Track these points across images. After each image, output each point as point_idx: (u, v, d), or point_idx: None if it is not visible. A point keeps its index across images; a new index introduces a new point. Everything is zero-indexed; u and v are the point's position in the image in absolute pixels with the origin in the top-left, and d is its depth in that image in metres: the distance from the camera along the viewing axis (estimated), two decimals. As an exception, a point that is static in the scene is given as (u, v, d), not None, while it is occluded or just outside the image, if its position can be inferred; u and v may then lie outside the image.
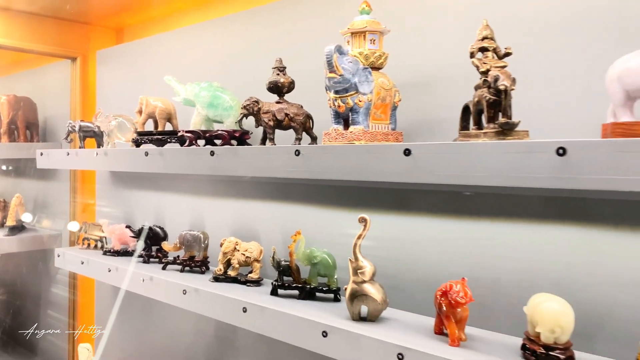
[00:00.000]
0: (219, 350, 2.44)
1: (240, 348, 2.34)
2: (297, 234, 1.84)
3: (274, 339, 1.68)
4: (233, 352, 2.38)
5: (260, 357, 2.25)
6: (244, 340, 2.32)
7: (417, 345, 1.38)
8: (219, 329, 2.44)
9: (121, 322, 3.00)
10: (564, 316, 1.25)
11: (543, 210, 1.44)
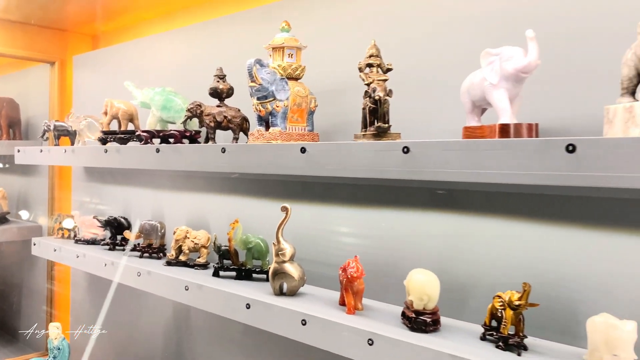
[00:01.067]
0: (175, 325, 2.70)
1: (192, 324, 2.60)
2: (236, 222, 2.09)
3: (220, 316, 1.92)
4: (186, 327, 2.64)
5: (203, 330, 2.51)
6: (195, 317, 2.59)
7: (319, 313, 1.64)
8: (174, 308, 2.70)
9: (91, 305, 3.26)
10: (429, 285, 1.50)
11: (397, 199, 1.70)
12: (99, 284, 3.18)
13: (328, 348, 1.58)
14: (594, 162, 1.04)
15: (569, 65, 1.44)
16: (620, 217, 1.35)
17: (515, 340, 1.36)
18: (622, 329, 1.19)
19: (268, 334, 1.77)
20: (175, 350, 2.71)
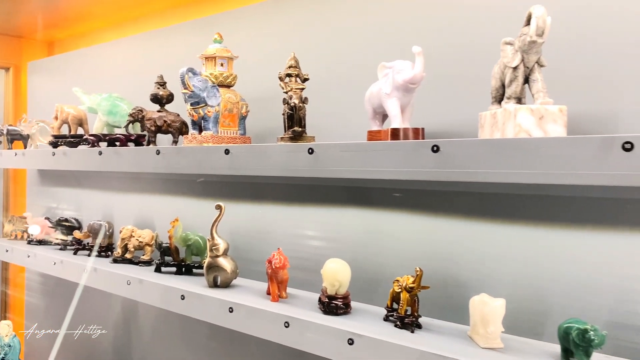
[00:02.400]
0: (123, 318, 2.82)
1: (140, 316, 2.73)
2: (176, 220, 2.23)
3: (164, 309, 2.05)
4: (134, 319, 2.76)
5: (146, 321, 2.64)
6: (144, 310, 2.71)
7: (245, 302, 1.79)
8: (122, 302, 2.82)
9: (45, 304, 3.34)
10: (341, 273, 1.67)
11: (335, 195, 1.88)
12: (52, 284, 3.27)
13: (251, 332, 1.73)
14: (453, 160, 1.22)
15: (455, 77, 1.63)
16: (488, 209, 1.55)
17: (410, 319, 1.53)
18: (492, 305, 1.38)
19: (203, 323, 1.92)
20: (124, 343, 2.82)
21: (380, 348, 1.43)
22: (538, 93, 1.26)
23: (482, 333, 1.39)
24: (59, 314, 3.23)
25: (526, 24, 1.26)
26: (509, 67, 1.30)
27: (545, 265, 1.47)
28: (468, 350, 1.35)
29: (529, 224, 1.49)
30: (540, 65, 1.29)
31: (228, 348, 2.34)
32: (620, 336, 1.36)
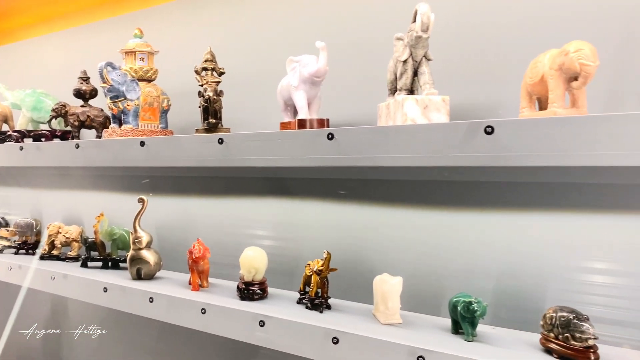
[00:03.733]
0: (52, 310, 2.79)
1: (70, 310, 2.71)
2: (101, 215, 2.23)
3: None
4: (63, 313, 2.73)
5: (75, 313, 2.63)
6: (73, 305, 2.69)
7: (166, 291, 1.83)
8: (52, 301, 2.79)
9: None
10: (257, 260, 1.73)
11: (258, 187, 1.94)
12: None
13: (170, 320, 1.77)
14: (346, 146, 1.31)
15: (360, 72, 1.73)
16: (390, 196, 1.65)
17: (319, 300, 1.61)
18: (390, 283, 1.48)
19: (125, 315, 1.94)
20: (52, 338, 2.80)
21: (289, 328, 1.51)
22: (425, 85, 1.36)
23: (383, 310, 1.49)
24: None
25: (413, 21, 1.36)
26: (400, 61, 1.40)
27: (441, 246, 1.58)
28: (368, 327, 1.44)
29: (426, 208, 1.60)
30: (428, 59, 1.39)
31: (157, 340, 2.36)
32: (503, 308, 1.48)
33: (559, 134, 1.06)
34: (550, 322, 1.23)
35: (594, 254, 1.37)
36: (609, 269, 1.36)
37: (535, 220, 1.44)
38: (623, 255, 1.34)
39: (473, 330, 1.35)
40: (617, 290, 1.35)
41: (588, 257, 1.38)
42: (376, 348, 1.34)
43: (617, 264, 1.35)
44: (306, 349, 1.46)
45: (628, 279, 1.34)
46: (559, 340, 1.21)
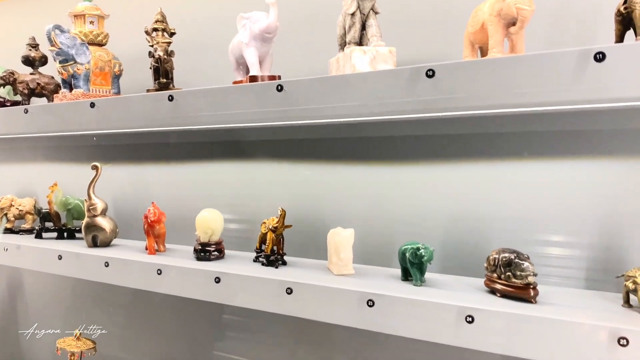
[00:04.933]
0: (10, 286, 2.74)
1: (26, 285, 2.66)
2: (54, 185, 2.19)
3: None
4: (20, 291, 2.69)
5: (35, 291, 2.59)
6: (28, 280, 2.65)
7: (121, 255, 1.81)
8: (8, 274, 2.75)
9: None
10: (213, 221, 1.73)
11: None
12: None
13: (125, 284, 1.76)
14: (296, 98, 1.32)
15: (312, 28, 1.74)
16: (341, 153, 1.69)
17: (275, 256, 1.63)
18: (342, 235, 1.50)
19: (82, 282, 1.91)
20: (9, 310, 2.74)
21: (244, 283, 1.52)
22: (372, 37, 1.38)
23: (336, 261, 1.52)
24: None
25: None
26: (348, 14, 1.41)
27: (390, 200, 1.62)
28: (322, 277, 1.47)
29: (375, 164, 1.64)
30: (375, 12, 1.41)
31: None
32: (451, 256, 1.53)
33: (497, 75, 1.10)
34: (494, 264, 1.29)
35: (534, 200, 1.43)
36: (550, 213, 1.42)
37: (478, 170, 1.49)
38: (563, 200, 1.40)
39: (421, 276, 1.39)
40: (557, 235, 1.41)
41: (529, 203, 1.44)
42: (329, 295, 1.37)
43: (558, 207, 1.41)
44: (261, 301, 1.48)
45: (568, 222, 1.40)
46: (502, 280, 1.26)
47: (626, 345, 1.02)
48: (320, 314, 1.39)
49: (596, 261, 1.37)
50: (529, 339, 1.11)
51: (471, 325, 1.17)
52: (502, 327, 1.14)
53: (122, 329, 2.35)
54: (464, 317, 1.18)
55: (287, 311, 1.44)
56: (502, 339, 1.14)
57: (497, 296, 1.27)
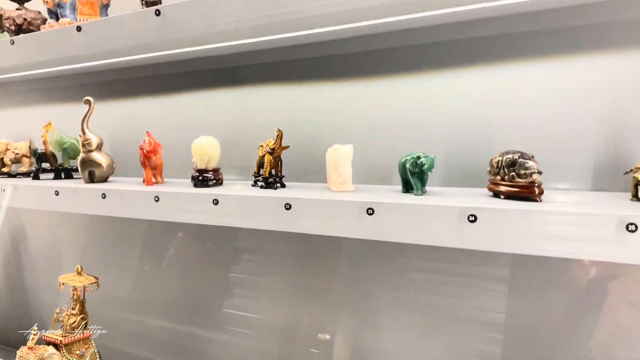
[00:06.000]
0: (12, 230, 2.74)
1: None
2: (48, 124, 2.15)
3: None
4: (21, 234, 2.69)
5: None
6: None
7: (118, 187, 1.78)
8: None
9: None
10: (210, 147, 1.69)
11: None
12: None
13: (123, 214, 1.73)
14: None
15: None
16: (333, 72, 1.62)
17: (273, 179, 1.59)
18: (341, 151, 1.46)
19: (79, 215, 1.89)
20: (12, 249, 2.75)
21: (242, 203, 1.49)
22: None
23: (335, 178, 1.48)
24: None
25: None
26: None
27: (389, 117, 1.57)
28: (321, 194, 1.43)
29: (370, 79, 1.57)
30: None
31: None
32: (453, 167, 1.49)
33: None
34: (497, 166, 1.24)
35: (537, 104, 1.38)
36: (553, 118, 1.37)
37: (477, 76, 1.43)
38: (566, 102, 1.34)
39: (422, 187, 1.35)
40: (562, 140, 1.36)
41: (531, 108, 1.38)
42: (327, 208, 1.34)
43: (561, 110, 1.35)
44: (260, 219, 1.45)
45: (572, 125, 1.35)
46: (506, 181, 1.22)
47: (635, 231, 0.98)
48: (319, 228, 1.36)
49: (603, 164, 1.33)
50: (535, 234, 1.08)
51: (474, 224, 1.13)
52: (506, 224, 1.11)
53: (132, 270, 2.35)
54: (466, 217, 1.14)
55: (286, 227, 1.41)
56: (507, 236, 1.11)
57: (501, 199, 1.23)
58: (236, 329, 2.07)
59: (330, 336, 1.87)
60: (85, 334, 1.92)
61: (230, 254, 2.06)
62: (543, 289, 1.47)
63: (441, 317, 1.63)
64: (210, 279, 2.13)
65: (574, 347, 1.45)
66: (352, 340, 1.83)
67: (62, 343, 1.85)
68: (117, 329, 2.40)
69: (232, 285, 2.08)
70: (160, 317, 2.28)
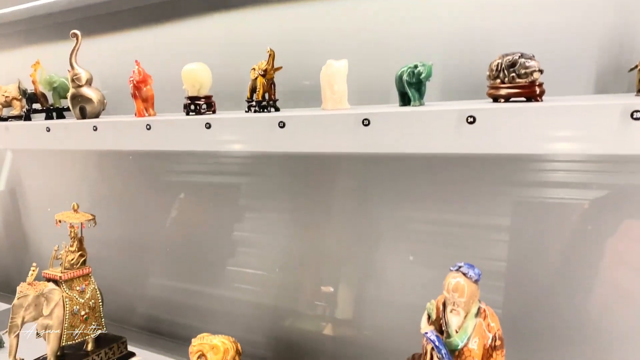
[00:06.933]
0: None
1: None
2: (37, 63, 2.09)
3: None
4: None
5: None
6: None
7: (109, 119, 1.74)
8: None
9: None
10: (200, 74, 1.64)
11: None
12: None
13: (114, 146, 1.70)
14: None
15: None
16: None
17: (267, 102, 1.55)
18: (335, 66, 1.41)
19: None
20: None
21: (235, 125, 1.45)
22: None
23: (330, 95, 1.43)
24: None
25: None
26: None
27: (384, 31, 1.51)
28: (316, 112, 1.39)
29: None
30: None
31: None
32: (452, 78, 1.44)
33: None
34: (497, 69, 1.19)
35: (537, 4, 1.32)
36: (553, 18, 1.31)
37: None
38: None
39: (420, 98, 1.30)
40: (563, 42, 1.31)
41: (531, 10, 1.32)
42: (322, 123, 1.30)
43: (562, 11, 1.29)
44: (253, 140, 1.42)
45: (574, 26, 1.29)
46: (506, 83, 1.17)
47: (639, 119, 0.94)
48: (313, 144, 1.32)
49: (607, 66, 1.28)
50: (536, 132, 1.04)
51: (473, 126, 1.09)
52: (506, 123, 1.07)
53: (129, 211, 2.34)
54: (464, 119, 1.10)
55: (280, 146, 1.37)
56: (507, 136, 1.07)
57: (501, 102, 1.19)
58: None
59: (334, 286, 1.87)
60: (84, 270, 1.92)
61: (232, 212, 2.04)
62: (543, 236, 1.46)
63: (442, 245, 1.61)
64: (213, 235, 2.12)
65: (574, 289, 1.44)
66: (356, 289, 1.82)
67: (62, 279, 1.85)
68: (116, 272, 2.41)
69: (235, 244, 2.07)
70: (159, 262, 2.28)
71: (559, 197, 1.43)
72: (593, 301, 1.42)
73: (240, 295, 2.11)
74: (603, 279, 1.41)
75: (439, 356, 1.06)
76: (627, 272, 1.37)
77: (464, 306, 1.05)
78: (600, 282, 1.40)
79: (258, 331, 2.06)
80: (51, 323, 1.79)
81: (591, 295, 1.42)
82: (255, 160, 1.98)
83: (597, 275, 1.42)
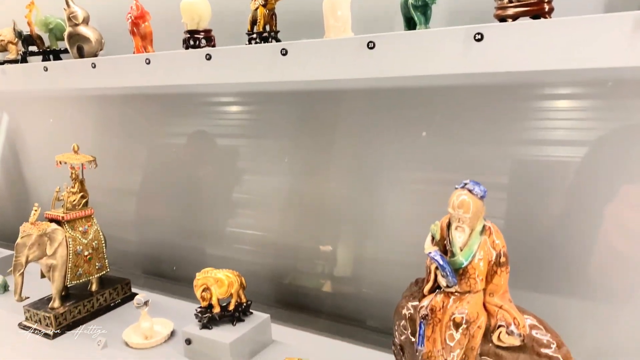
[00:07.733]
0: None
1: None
2: (32, 4, 2.05)
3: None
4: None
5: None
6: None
7: (107, 57, 1.71)
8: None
9: None
10: (198, 5, 1.60)
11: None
12: None
13: (114, 83, 1.68)
14: None
15: None
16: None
17: (268, 33, 1.51)
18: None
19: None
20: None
21: (235, 56, 1.43)
22: None
23: (332, 23, 1.39)
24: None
25: None
26: None
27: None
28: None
29: None
30: None
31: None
32: (458, 2, 1.40)
33: None
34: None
35: None
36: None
37: None
38: None
39: (426, 22, 1.27)
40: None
41: None
42: (326, 48, 1.27)
43: None
44: (255, 71, 1.39)
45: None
46: (513, 2, 1.14)
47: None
48: (316, 72, 1.30)
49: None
50: (545, 47, 1.01)
51: (480, 43, 1.07)
52: (514, 40, 1.04)
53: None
54: (472, 36, 1.08)
55: (283, 75, 1.35)
56: (515, 53, 1.05)
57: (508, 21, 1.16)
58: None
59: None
60: (87, 211, 1.92)
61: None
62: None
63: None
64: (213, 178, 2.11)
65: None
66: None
67: (65, 219, 1.85)
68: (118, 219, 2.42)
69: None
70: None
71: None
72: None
73: (241, 234, 2.12)
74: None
75: (442, 274, 1.07)
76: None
77: (469, 223, 1.05)
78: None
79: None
80: (55, 263, 1.80)
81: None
82: (256, 99, 1.96)
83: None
